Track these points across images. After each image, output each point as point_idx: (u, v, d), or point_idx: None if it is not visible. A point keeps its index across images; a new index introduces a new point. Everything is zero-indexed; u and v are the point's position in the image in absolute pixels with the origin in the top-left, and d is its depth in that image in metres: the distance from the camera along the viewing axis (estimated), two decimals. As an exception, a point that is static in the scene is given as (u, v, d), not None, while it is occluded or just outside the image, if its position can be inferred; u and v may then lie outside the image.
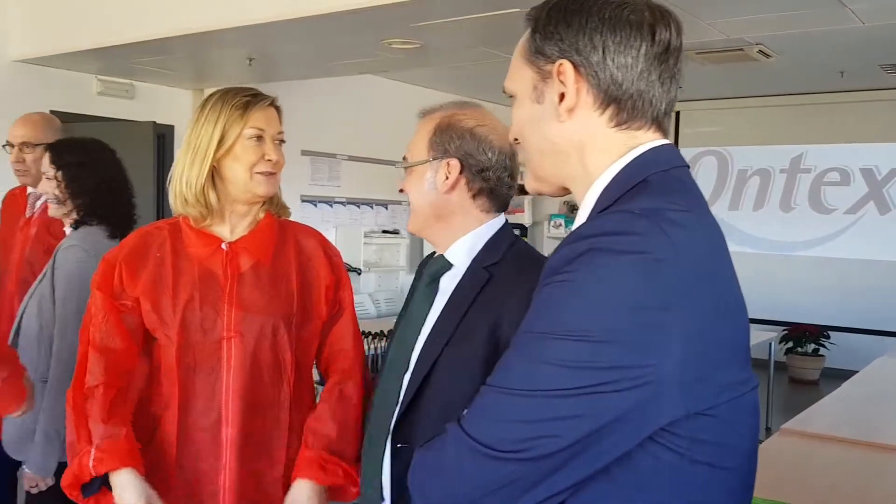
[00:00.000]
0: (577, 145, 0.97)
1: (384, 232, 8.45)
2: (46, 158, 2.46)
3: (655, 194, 0.91)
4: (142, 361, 1.80)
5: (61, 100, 5.68)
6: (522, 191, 1.55)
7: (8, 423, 2.43)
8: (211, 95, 1.78)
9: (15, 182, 3.10)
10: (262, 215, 1.83)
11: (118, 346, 1.74)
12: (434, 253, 1.67)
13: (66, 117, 3.27)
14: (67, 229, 2.50)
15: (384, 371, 1.61)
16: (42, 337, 2.36)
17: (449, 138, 1.56)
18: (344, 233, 7.98)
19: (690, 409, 0.86)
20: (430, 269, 1.62)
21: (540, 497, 0.86)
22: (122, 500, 1.62)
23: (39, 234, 2.85)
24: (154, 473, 1.72)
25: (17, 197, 3.08)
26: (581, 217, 0.98)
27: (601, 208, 0.94)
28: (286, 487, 1.76)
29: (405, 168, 1.63)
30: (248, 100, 1.75)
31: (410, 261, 8.72)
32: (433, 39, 4.68)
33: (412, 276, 1.77)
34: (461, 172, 1.54)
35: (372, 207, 8.37)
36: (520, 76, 1.02)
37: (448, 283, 1.57)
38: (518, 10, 3.83)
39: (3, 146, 2.98)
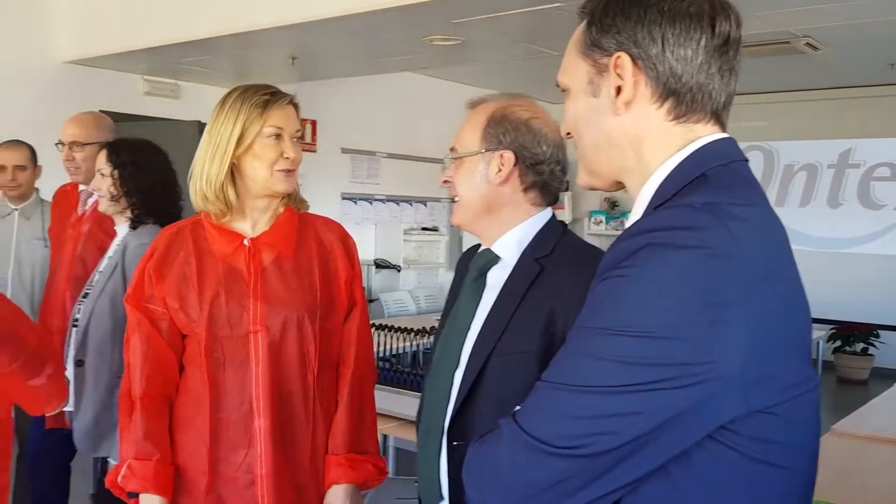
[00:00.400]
0: (634, 139, 0.96)
1: (423, 229, 8.47)
2: (103, 156, 2.52)
3: (716, 188, 0.90)
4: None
5: (109, 100, 5.79)
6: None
7: (81, 419, 2.49)
8: (231, 93, 1.81)
9: (66, 179, 3.17)
10: (281, 209, 1.86)
11: (157, 357, 1.80)
12: (475, 247, 1.65)
13: (113, 117, 3.32)
14: (120, 227, 2.55)
15: (433, 369, 1.60)
16: (116, 334, 2.42)
17: (503, 130, 1.51)
18: (383, 230, 8.02)
19: (752, 407, 0.84)
20: (476, 263, 1.60)
21: (596, 494, 0.85)
22: None
23: (92, 230, 2.90)
24: (190, 466, 1.78)
25: (68, 193, 3.15)
26: (636, 212, 0.97)
27: (658, 203, 0.92)
28: (313, 473, 1.83)
29: (453, 159, 1.59)
30: (267, 98, 1.78)
31: (450, 257, 8.73)
32: (475, 36, 4.67)
33: (452, 273, 1.76)
34: (515, 165, 1.51)
35: (411, 204, 8.40)
36: (574, 69, 1.00)
37: (496, 277, 1.54)
38: (560, 4, 3.81)
39: (56, 144, 3.05)
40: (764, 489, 0.89)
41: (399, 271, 7.96)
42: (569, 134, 1.06)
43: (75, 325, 2.52)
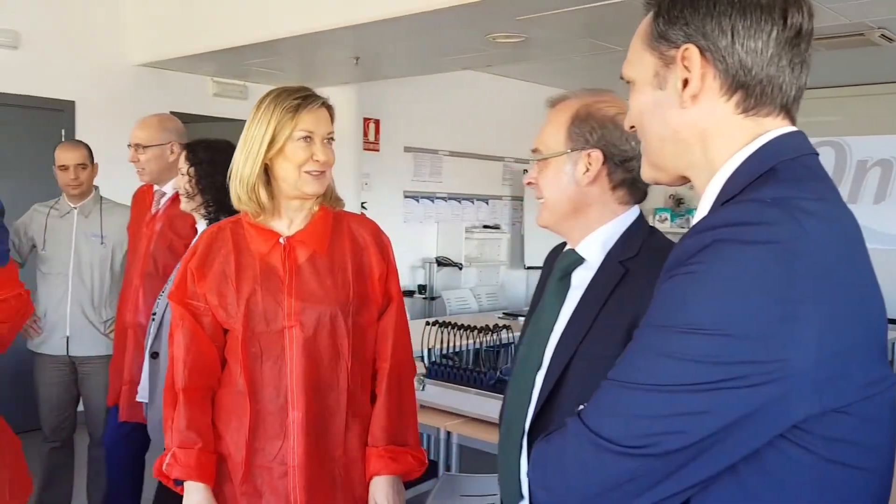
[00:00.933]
0: (700, 133, 0.95)
1: (485, 227, 8.47)
2: (182, 156, 2.61)
3: (785, 183, 0.88)
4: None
5: (180, 101, 5.96)
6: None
7: (155, 410, 2.58)
8: (266, 96, 1.85)
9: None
10: (316, 209, 1.91)
11: (199, 351, 1.86)
12: (561, 245, 1.63)
13: (184, 118, 3.43)
14: (199, 225, 2.63)
15: (516, 369, 1.58)
16: None
17: (590, 128, 1.47)
18: (445, 228, 8.05)
19: (825, 407, 0.82)
20: (560, 263, 1.57)
21: (665, 494, 0.84)
22: None
23: (163, 230, 3.00)
24: (231, 456, 1.85)
25: (144, 193, 3.26)
26: (703, 208, 0.95)
27: (725, 199, 0.91)
28: (346, 465, 1.88)
29: (536, 161, 1.55)
30: (298, 102, 1.81)
31: (511, 256, 8.72)
32: (538, 32, 4.64)
33: (513, 271, 1.76)
34: (603, 163, 1.47)
35: (473, 202, 8.41)
36: (640, 62, 0.99)
37: (581, 278, 1.51)
38: None
39: (128, 146, 3.16)
40: (837, 490, 0.87)
41: (461, 269, 7.99)
42: (632, 127, 1.05)
43: (153, 319, 2.60)
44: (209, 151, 2.59)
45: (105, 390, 3.55)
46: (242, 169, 1.82)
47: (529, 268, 8.55)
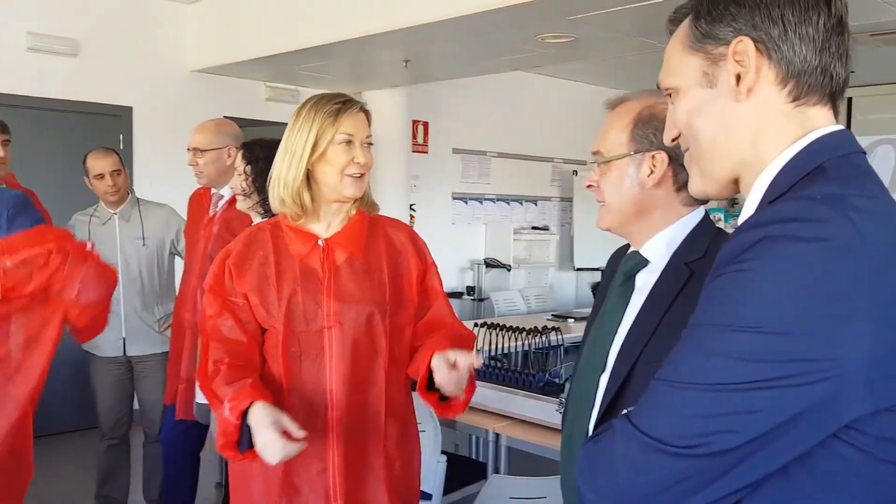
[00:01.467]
0: (753, 126, 0.94)
1: (534, 228, 8.45)
2: (239, 155, 2.67)
3: (834, 180, 0.87)
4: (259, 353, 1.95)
5: (234, 106, 6.08)
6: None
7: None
8: (306, 102, 1.90)
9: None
10: (353, 212, 1.95)
11: (237, 338, 1.89)
12: (624, 248, 1.62)
13: (238, 122, 3.50)
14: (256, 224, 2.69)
15: (579, 371, 1.58)
16: None
17: (654, 129, 1.45)
18: (493, 229, 8.05)
19: (879, 406, 0.81)
20: (624, 266, 1.56)
21: (715, 495, 0.83)
22: (258, 439, 1.70)
23: (221, 232, 3.07)
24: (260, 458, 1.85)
25: (202, 197, 3.33)
26: (750, 206, 0.94)
27: (773, 197, 0.90)
28: (386, 461, 1.89)
29: (597, 164, 1.54)
30: (339, 107, 1.86)
31: (560, 257, 8.68)
32: (588, 32, 4.62)
33: (562, 273, 1.76)
34: (668, 165, 1.46)
35: (521, 204, 8.40)
36: (682, 67, 0.99)
37: (644, 281, 1.49)
38: (677, -2, 3.73)
39: (188, 150, 3.24)
40: (889, 490, 0.85)
41: (509, 270, 7.98)
42: (674, 140, 1.04)
43: None
44: (265, 150, 2.63)
45: (160, 388, 3.64)
46: (286, 174, 1.87)
47: (579, 269, 8.50)
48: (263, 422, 1.69)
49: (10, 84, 5.19)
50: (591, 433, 1.43)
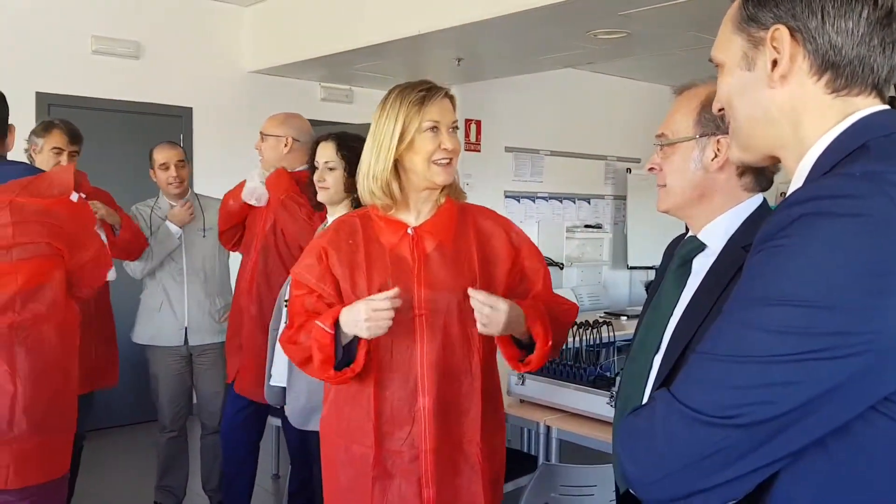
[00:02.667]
0: (790, 112, 0.95)
1: (587, 226, 8.40)
2: (331, 149, 2.70)
3: (876, 158, 0.87)
4: None
5: (289, 106, 6.12)
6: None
7: (294, 395, 2.72)
8: (390, 92, 1.92)
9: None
10: (442, 200, 1.96)
11: (320, 311, 1.91)
12: (681, 236, 1.63)
13: (294, 122, 3.59)
14: (332, 217, 2.74)
15: (633, 352, 1.60)
16: None
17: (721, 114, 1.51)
18: (546, 227, 8.03)
19: None
20: (681, 250, 1.57)
21: (753, 466, 0.85)
22: (360, 322, 1.77)
23: (277, 214, 3.18)
24: (357, 440, 1.90)
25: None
26: (794, 187, 0.95)
27: (816, 176, 0.91)
28: (483, 450, 1.90)
29: (661, 146, 1.55)
30: (423, 94, 1.88)
31: (613, 255, 8.61)
32: (641, 27, 4.59)
33: (615, 271, 1.77)
34: None
35: (574, 202, 8.35)
36: (728, 45, 1.01)
37: (701, 265, 1.51)
38: (731, -9, 3.68)
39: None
40: None
41: (562, 269, 7.94)
42: (721, 109, 1.06)
43: (286, 305, 2.69)
44: (361, 142, 2.68)
45: (219, 380, 3.75)
46: (375, 166, 1.89)
47: (632, 268, 8.42)
48: (355, 305, 1.78)
49: (75, 86, 5.38)
50: None
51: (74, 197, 2.12)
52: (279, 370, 2.75)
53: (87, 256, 2.15)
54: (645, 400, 1.45)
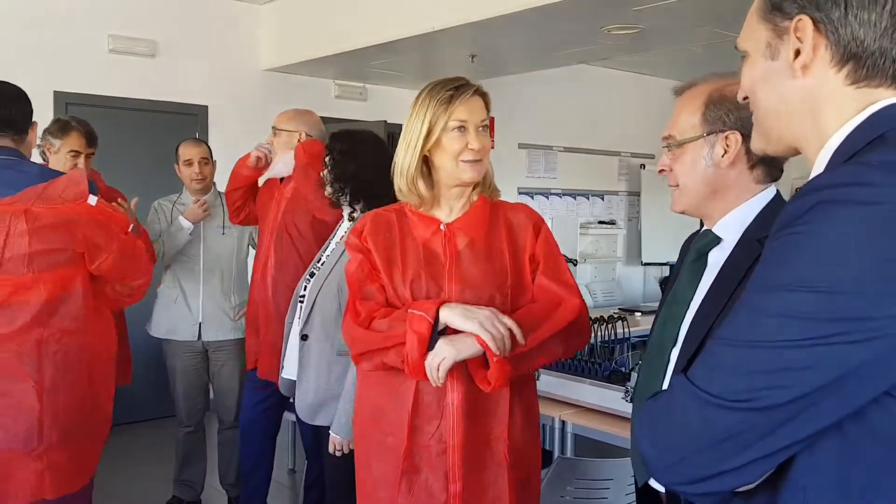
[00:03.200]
0: (811, 103, 0.96)
1: (600, 223, 8.40)
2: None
3: (893, 148, 0.88)
4: None
5: (303, 104, 6.14)
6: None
7: (303, 389, 2.74)
8: (423, 89, 1.93)
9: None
10: (475, 198, 1.97)
11: (379, 300, 1.93)
12: (699, 230, 1.64)
13: (309, 119, 3.62)
14: (345, 213, 2.78)
15: (651, 346, 1.61)
16: (340, 316, 2.61)
17: (726, 109, 1.48)
18: (560, 224, 8.02)
19: None
20: (696, 244, 1.58)
21: (769, 450, 0.86)
22: (477, 316, 1.76)
23: (294, 195, 3.24)
24: (393, 431, 1.91)
25: (271, 181, 3.47)
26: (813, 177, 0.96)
27: (835, 165, 0.92)
28: (511, 448, 1.89)
29: (670, 147, 1.55)
30: (451, 93, 1.88)
31: (627, 251, 8.60)
32: (655, 22, 4.58)
33: (629, 267, 1.77)
34: (742, 143, 1.47)
35: (588, 198, 8.35)
36: (753, 33, 1.02)
37: (717, 258, 1.52)
38: (747, -15, 3.67)
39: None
40: None
41: (576, 265, 7.94)
42: (745, 98, 1.07)
43: (301, 301, 2.73)
44: (343, 142, 2.73)
45: (235, 376, 3.78)
46: (402, 162, 1.92)
47: (646, 264, 8.41)
48: (481, 308, 1.77)
49: (92, 85, 5.43)
50: None
51: (93, 200, 2.13)
52: (291, 363, 2.78)
53: (111, 259, 2.16)
54: None
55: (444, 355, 1.76)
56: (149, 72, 5.67)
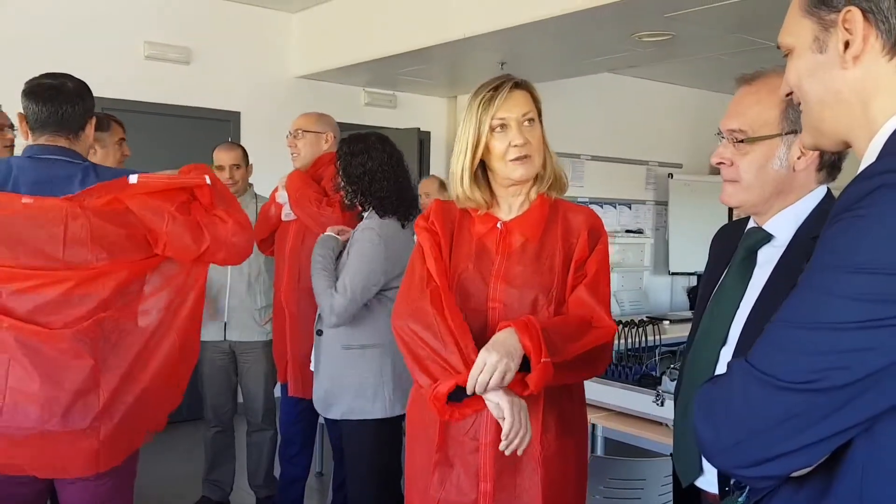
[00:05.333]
0: (862, 93, 0.96)
1: (627, 231, 8.37)
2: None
3: None
4: None
5: (334, 111, 6.18)
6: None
7: (319, 382, 2.80)
8: (471, 96, 1.94)
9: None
10: (534, 196, 1.95)
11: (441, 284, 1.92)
12: (733, 224, 1.61)
13: (339, 127, 3.67)
14: (365, 213, 2.84)
15: (696, 344, 1.57)
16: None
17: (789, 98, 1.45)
18: (587, 233, 8.00)
19: None
20: (746, 241, 1.54)
21: (829, 432, 0.86)
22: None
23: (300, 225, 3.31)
24: (430, 421, 1.91)
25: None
26: (865, 165, 0.96)
27: (890, 152, 0.92)
28: (543, 447, 1.85)
29: (740, 141, 1.48)
30: (490, 94, 1.87)
31: (654, 260, 8.55)
32: (686, 29, 4.58)
33: (656, 277, 1.73)
34: None
35: (615, 207, 8.33)
36: (798, 28, 1.02)
37: (768, 256, 1.49)
38: (779, -9, 3.67)
39: (286, 136, 3.49)
40: None
41: (603, 274, 7.91)
42: (789, 94, 1.07)
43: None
44: (351, 144, 2.81)
45: (262, 378, 3.81)
46: (456, 170, 1.93)
47: (674, 273, 8.36)
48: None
49: (128, 90, 5.52)
50: None
51: (133, 178, 2.12)
52: (313, 356, 2.92)
53: (170, 237, 2.14)
54: None
55: (490, 373, 1.71)
56: (183, 78, 5.76)
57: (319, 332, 2.82)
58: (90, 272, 2.04)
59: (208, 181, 2.17)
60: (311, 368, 2.92)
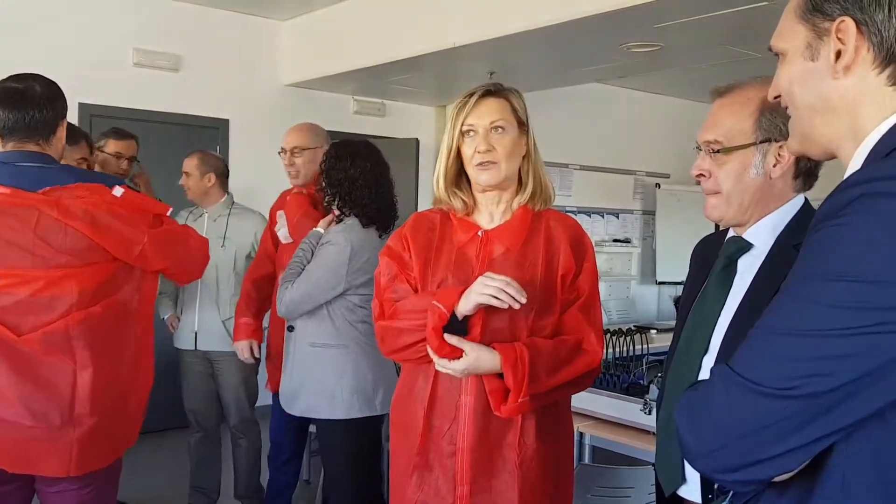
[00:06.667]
0: (851, 103, 0.97)
1: (615, 241, 8.40)
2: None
3: None
4: None
5: (323, 119, 6.20)
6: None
7: (286, 378, 2.85)
8: None
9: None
10: (516, 206, 1.95)
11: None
12: (713, 235, 1.62)
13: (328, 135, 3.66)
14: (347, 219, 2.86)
15: (679, 353, 1.58)
16: (314, 313, 2.84)
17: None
18: (575, 242, 8.02)
19: None
20: (726, 251, 1.55)
21: (810, 437, 0.86)
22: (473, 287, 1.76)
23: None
24: (411, 425, 1.93)
25: (288, 196, 3.48)
26: (850, 172, 0.96)
27: (874, 161, 0.93)
28: (521, 452, 1.86)
29: (716, 152, 1.49)
30: (465, 100, 1.91)
31: (642, 270, 8.59)
32: (674, 40, 4.61)
33: (644, 286, 1.74)
34: None
35: (603, 216, 8.36)
36: (791, 34, 1.03)
37: (748, 265, 1.49)
38: (765, 3, 3.71)
39: (279, 153, 3.40)
40: None
41: (590, 283, 7.93)
42: (777, 97, 1.08)
43: None
44: (337, 149, 2.86)
45: (237, 387, 3.79)
46: (437, 173, 1.97)
47: (661, 283, 8.39)
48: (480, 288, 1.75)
49: (117, 97, 5.51)
50: None
51: (118, 191, 2.14)
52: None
53: (139, 248, 2.17)
54: None
55: (462, 367, 1.79)
56: (172, 85, 5.75)
57: (290, 328, 2.89)
58: (58, 273, 2.04)
59: (118, 193, 2.19)
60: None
